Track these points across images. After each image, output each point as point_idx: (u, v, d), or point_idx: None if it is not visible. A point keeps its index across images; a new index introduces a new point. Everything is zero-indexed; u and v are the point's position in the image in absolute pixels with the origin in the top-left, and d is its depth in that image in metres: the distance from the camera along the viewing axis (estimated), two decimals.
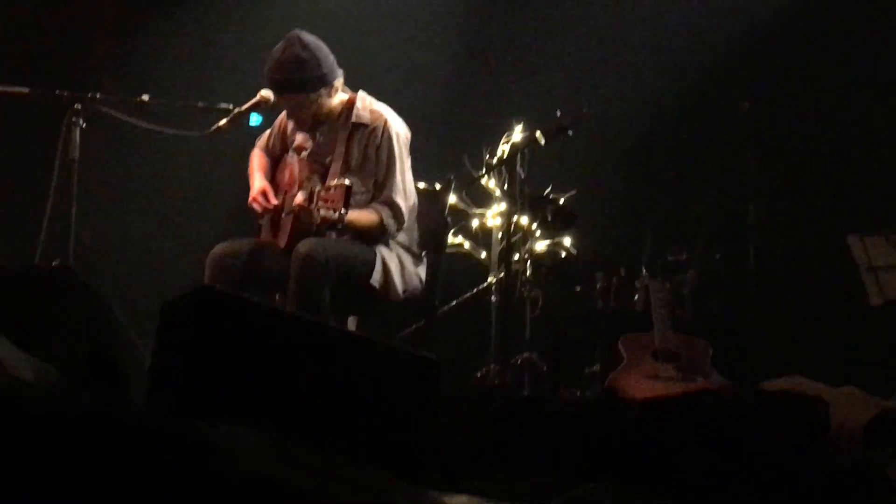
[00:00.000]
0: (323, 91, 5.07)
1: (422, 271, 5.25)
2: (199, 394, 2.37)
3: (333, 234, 5.01)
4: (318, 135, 5.22)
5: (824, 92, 6.76)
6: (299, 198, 4.89)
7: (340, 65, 5.16)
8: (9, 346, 1.44)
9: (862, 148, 6.66)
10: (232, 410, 2.35)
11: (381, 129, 5.11)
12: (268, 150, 5.44)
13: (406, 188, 5.15)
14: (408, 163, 5.21)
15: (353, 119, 5.12)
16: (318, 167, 5.11)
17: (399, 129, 5.18)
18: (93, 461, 0.90)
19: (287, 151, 5.35)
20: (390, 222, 5.05)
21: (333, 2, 7.22)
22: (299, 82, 5.01)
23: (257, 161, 5.39)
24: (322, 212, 4.73)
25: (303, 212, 4.86)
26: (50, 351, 2.53)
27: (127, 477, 0.91)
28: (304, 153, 5.23)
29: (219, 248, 5.04)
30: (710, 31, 6.95)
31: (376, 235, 5.06)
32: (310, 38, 5.06)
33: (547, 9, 7.41)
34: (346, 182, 4.71)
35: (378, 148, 5.11)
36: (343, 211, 4.65)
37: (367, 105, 5.18)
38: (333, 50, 5.14)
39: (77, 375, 2.64)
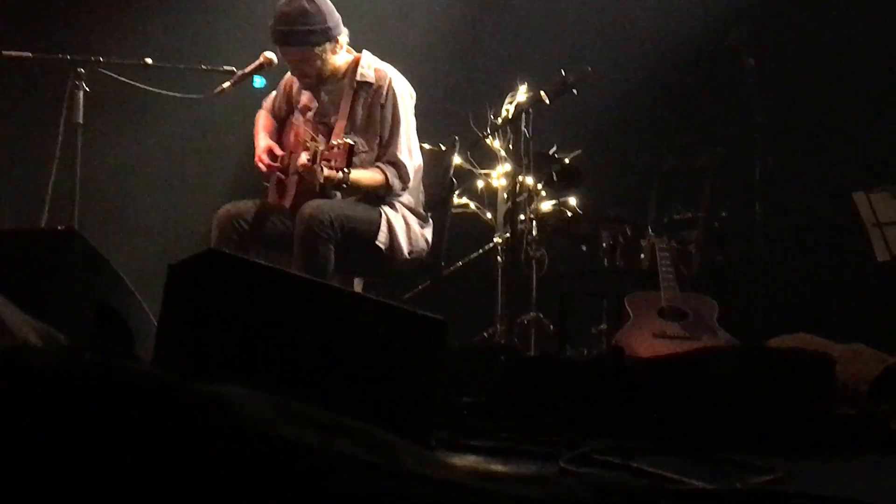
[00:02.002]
0: (328, 46, 5.05)
1: (427, 232, 5.25)
2: (205, 356, 2.38)
3: (338, 195, 5.01)
4: (322, 94, 5.21)
5: (829, 47, 6.74)
6: (303, 157, 4.88)
7: (345, 26, 5.14)
8: (14, 309, 1.44)
9: (867, 103, 6.64)
10: (238, 372, 2.36)
11: (385, 88, 5.10)
12: (273, 112, 5.43)
13: (411, 147, 5.14)
14: (413, 123, 5.20)
15: (358, 78, 5.11)
16: (323, 127, 5.11)
17: (404, 89, 5.17)
18: (99, 422, 0.90)
19: (293, 113, 5.35)
20: (395, 182, 5.05)
21: None
22: (304, 35, 4.99)
23: (263, 121, 5.38)
24: (325, 171, 4.73)
25: (306, 171, 4.86)
26: (56, 315, 2.53)
27: (133, 436, 0.91)
28: (309, 113, 5.22)
29: (225, 209, 5.04)
30: None
31: (381, 195, 5.06)
32: None
33: None
34: (349, 141, 4.71)
35: (383, 107, 5.10)
36: (346, 170, 4.65)
37: (372, 64, 5.17)
38: (338, 10, 5.12)
39: (84, 339, 2.65)
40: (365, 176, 4.96)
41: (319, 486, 0.94)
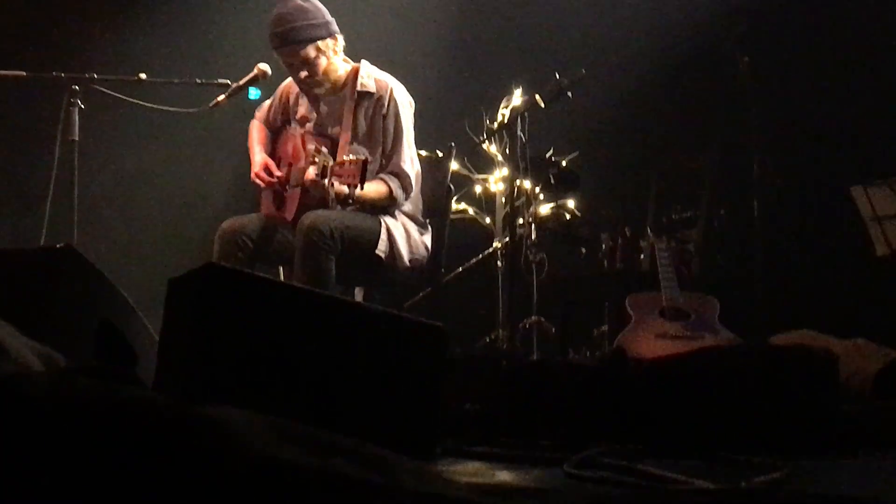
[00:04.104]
0: (329, 42, 5.03)
1: (427, 239, 5.24)
2: (207, 371, 2.38)
3: (339, 207, 4.99)
4: (321, 105, 5.20)
5: (824, 43, 6.73)
6: (311, 173, 4.85)
7: (340, 34, 5.14)
8: (14, 332, 1.44)
9: (863, 98, 6.64)
10: (240, 386, 2.36)
11: (387, 98, 5.09)
12: (268, 122, 5.41)
13: (412, 157, 5.14)
14: (412, 132, 5.19)
15: (359, 88, 5.10)
16: (324, 139, 5.08)
17: (404, 99, 5.17)
18: (98, 449, 0.90)
19: (289, 123, 5.34)
20: (399, 192, 5.05)
21: None
22: (307, 29, 4.96)
23: (256, 133, 5.37)
24: (336, 186, 4.71)
25: (316, 187, 4.84)
26: (56, 334, 2.53)
27: (132, 461, 0.91)
28: (308, 124, 5.21)
29: (227, 224, 5.02)
30: None
31: (386, 206, 5.05)
32: None
33: None
34: (362, 157, 4.68)
35: (385, 118, 5.09)
36: (361, 186, 4.62)
37: (372, 74, 5.16)
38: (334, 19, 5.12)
39: (85, 358, 2.64)
40: (371, 189, 4.91)
41: None
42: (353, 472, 0.96)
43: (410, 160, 5.11)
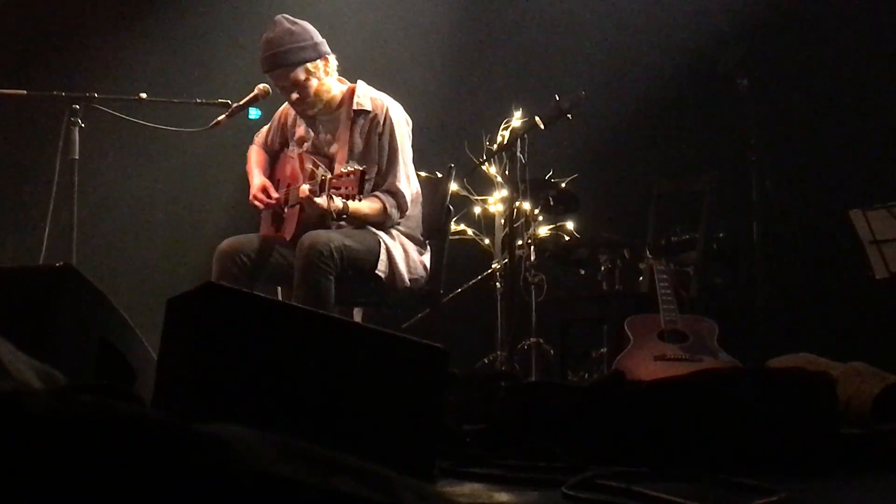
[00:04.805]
0: (320, 63, 5.04)
1: (426, 260, 5.24)
2: (205, 389, 2.37)
3: (334, 225, 5.00)
4: (318, 125, 5.21)
5: (823, 66, 6.75)
6: (305, 188, 4.87)
7: (340, 55, 5.15)
8: (13, 350, 1.43)
9: (862, 121, 6.65)
10: (239, 405, 2.35)
11: (382, 117, 5.10)
12: (266, 145, 5.43)
13: (409, 175, 5.14)
14: (409, 150, 5.20)
15: (354, 107, 5.11)
16: (322, 158, 5.10)
17: (400, 117, 5.18)
18: (97, 467, 0.90)
19: (287, 145, 5.34)
20: (393, 211, 5.05)
21: None
22: (296, 52, 4.99)
23: (255, 157, 5.38)
24: (335, 200, 4.72)
25: (311, 202, 4.84)
26: (55, 352, 2.53)
27: (132, 479, 0.91)
28: (306, 144, 5.22)
29: (226, 244, 5.03)
30: (707, 9, 6.94)
31: (379, 223, 5.06)
32: (295, 19, 5.08)
33: None
34: (358, 167, 4.68)
35: (380, 136, 5.10)
36: (359, 196, 4.62)
37: (367, 93, 5.17)
38: (330, 42, 5.14)
39: (84, 377, 2.64)
40: (364, 206, 4.93)
41: None
42: (355, 490, 0.96)
43: (406, 178, 5.12)
